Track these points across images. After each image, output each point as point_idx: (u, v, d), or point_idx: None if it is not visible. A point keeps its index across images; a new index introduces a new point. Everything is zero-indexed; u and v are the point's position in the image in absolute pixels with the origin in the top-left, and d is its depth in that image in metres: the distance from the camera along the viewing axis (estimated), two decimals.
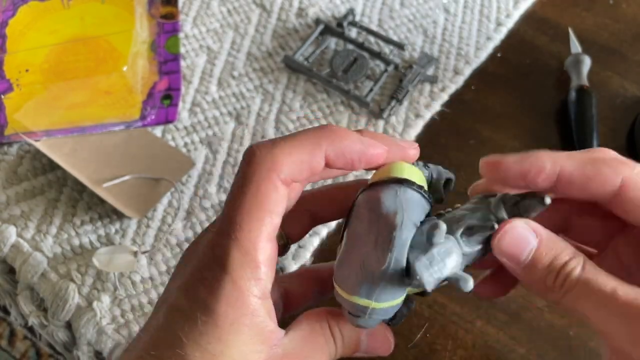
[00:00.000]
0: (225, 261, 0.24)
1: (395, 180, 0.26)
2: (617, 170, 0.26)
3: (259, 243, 0.24)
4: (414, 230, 0.25)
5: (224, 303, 0.24)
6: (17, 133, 0.50)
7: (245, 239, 0.24)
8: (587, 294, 0.24)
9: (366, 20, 0.59)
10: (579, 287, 0.25)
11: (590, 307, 0.24)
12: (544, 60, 0.57)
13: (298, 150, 0.25)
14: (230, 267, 0.24)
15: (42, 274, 0.44)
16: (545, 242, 0.26)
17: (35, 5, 0.58)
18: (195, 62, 0.55)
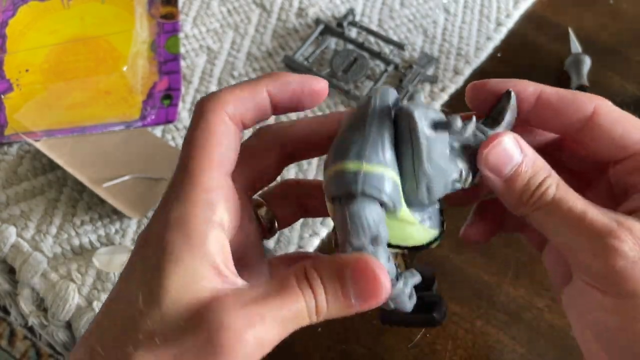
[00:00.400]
0: (176, 189, 0.24)
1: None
2: (591, 99, 0.28)
3: (207, 171, 0.24)
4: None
5: (173, 228, 0.23)
6: (17, 133, 0.50)
7: (194, 168, 0.24)
8: (558, 212, 0.25)
9: (366, 20, 0.59)
10: (552, 204, 0.26)
11: (559, 223, 0.26)
12: (544, 60, 0.57)
13: (241, 89, 0.26)
14: (181, 194, 0.24)
15: (42, 274, 0.44)
16: (528, 159, 0.27)
17: (35, 5, 0.58)
18: (195, 62, 0.55)
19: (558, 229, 0.26)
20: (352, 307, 0.26)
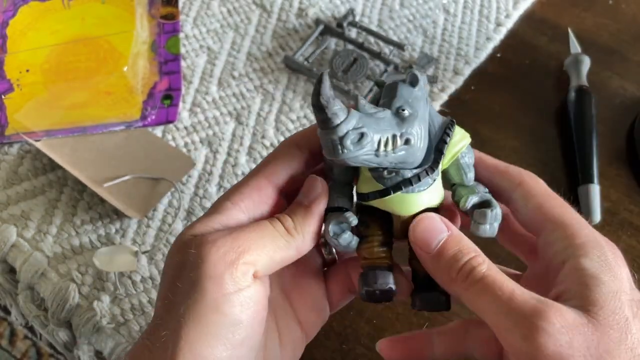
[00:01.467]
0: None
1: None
2: (520, 172, 0.31)
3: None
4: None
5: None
6: (17, 133, 0.50)
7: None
8: (488, 291, 0.26)
9: (366, 20, 0.59)
10: (482, 284, 0.27)
11: (490, 303, 0.26)
12: (543, 60, 0.57)
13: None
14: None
15: (43, 274, 0.44)
16: (454, 236, 0.28)
17: (35, 6, 0.58)
18: (195, 62, 0.56)
19: (489, 308, 0.27)
20: (304, 207, 0.29)
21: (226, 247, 0.26)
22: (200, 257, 0.26)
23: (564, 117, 0.53)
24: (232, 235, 0.27)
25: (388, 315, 0.43)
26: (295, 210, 0.29)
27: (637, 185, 0.50)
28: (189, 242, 0.28)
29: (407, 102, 0.28)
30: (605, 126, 0.52)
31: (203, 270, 0.26)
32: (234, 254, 0.26)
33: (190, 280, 0.26)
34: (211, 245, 0.26)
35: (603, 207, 0.48)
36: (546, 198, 0.30)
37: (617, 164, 0.51)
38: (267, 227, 0.28)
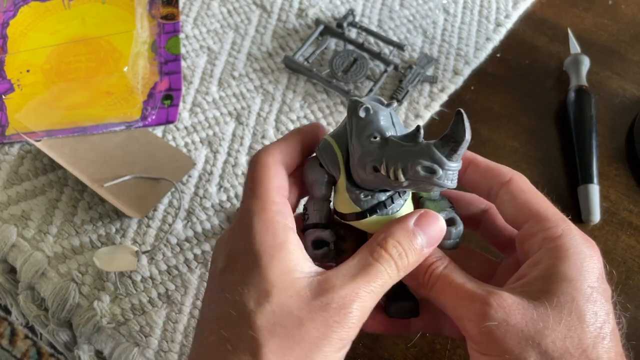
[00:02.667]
0: (251, 208, 0.30)
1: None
2: (510, 171, 0.33)
3: (272, 191, 0.31)
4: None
5: (261, 235, 0.29)
6: (18, 133, 0.50)
7: (261, 192, 0.31)
8: (445, 287, 0.30)
9: (366, 20, 0.59)
10: (440, 281, 0.31)
11: (447, 296, 0.30)
12: (543, 60, 0.57)
13: (282, 143, 0.33)
14: (256, 210, 0.30)
15: (43, 274, 0.45)
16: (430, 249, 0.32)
17: (36, 6, 0.58)
18: (195, 62, 0.56)
19: (448, 302, 0.30)
20: (423, 254, 0.31)
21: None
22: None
23: (564, 117, 0.53)
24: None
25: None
26: (411, 250, 0.31)
27: (636, 185, 0.50)
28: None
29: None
30: (604, 126, 0.52)
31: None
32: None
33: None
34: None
35: (602, 207, 0.48)
36: (532, 195, 0.32)
37: (616, 164, 0.51)
38: (383, 272, 0.30)
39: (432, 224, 0.31)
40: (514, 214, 0.32)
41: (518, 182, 0.32)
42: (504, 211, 0.33)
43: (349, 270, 0.29)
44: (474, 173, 0.34)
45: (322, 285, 0.28)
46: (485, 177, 0.33)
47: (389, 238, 0.30)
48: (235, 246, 0.30)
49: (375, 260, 0.29)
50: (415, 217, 0.30)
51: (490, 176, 0.33)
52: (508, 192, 0.32)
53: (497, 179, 0.33)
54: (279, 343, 0.27)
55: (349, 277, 0.29)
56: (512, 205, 0.32)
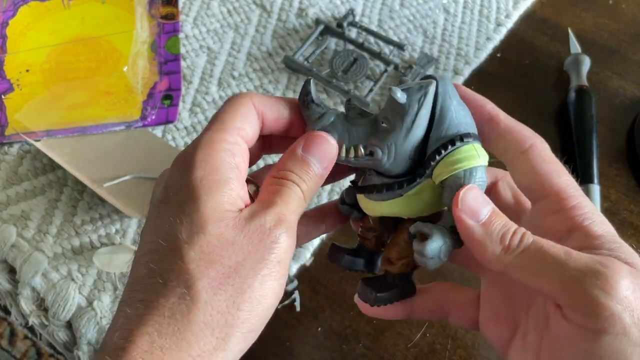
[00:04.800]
0: (202, 140, 0.30)
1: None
2: (532, 136, 0.31)
3: (229, 130, 0.30)
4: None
5: (201, 167, 0.29)
6: (17, 133, 0.50)
7: (219, 127, 0.30)
8: (541, 254, 0.27)
9: (366, 20, 0.59)
10: (535, 246, 0.27)
11: (547, 264, 0.26)
12: (543, 60, 0.57)
13: (269, 96, 0.32)
14: (206, 143, 0.30)
15: (43, 274, 0.44)
16: (499, 211, 0.29)
17: (35, 6, 0.58)
18: (195, 62, 0.56)
19: (546, 270, 0.27)
20: (318, 174, 0.30)
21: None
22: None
23: (564, 117, 0.53)
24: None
25: None
26: (306, 176, 0.30)
27: (637, 185, 0.50)
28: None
29: (392, 115, 0.29)
30: (605, 126, 0.52)
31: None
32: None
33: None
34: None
35: (603, 207, 0.48)
36: (553, 166, 0.30)
37: (617, 164, 0.51)
38: (293, 195, 0.30)
39: (318, 144, 0.30)
40: (532, 186, 0.30)
41: (540, 150, 0.30)
42: (520, 180, 0.31)
43: (266, 199, 0.29)
44: (492, 130, 0.31)
45: (250, 213, 0.28)
46: (505, 139, 0.31)
47: (282, 170, 0.30)
48: (175, 177, 0.29)
49: (282, 186, 0.30)
50: (302, 143, 0.30)
51: (511, 139, 0.31)
52: (527, 161, 0.30)
53: (517, 144, 0.30)
54: (215, 272, 0.26)
55: (269, 204, 0.29)
56: (530, 176, 0.30)
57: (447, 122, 0.29)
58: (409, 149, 0.29)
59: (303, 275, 0.45)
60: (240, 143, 0.30)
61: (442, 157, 0.29)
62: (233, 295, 0.27)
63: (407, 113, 0.29)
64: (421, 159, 0.30)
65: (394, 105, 0.29)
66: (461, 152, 0.29)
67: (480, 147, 0.29)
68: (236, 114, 0.31)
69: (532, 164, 0.30)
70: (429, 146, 0.29)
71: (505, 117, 0.32)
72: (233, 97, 0.31)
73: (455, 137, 0.29)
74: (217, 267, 0.27)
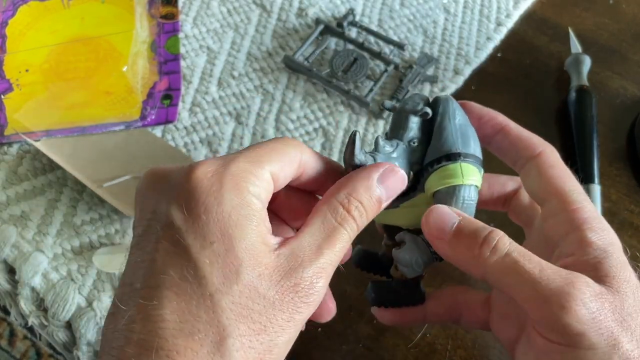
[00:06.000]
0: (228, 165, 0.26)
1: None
2: (542, 144, 0.32)
3: (266, 162, 0.27)
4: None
5: (225, 203, 0.25)
6: (17, 133, 0.50)
7: (251, 156, 0.27)
8: (517, 267, 0.27)
9: (366, 20, 0.59)
10: (509, 259, 0.27)
11: (518, 278, 0.27)
12: (544, 60, 0.57)
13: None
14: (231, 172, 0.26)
15: (43, 274, 0.44)
16: (467, 219, 0.29)
17: (35, 5, 0.58)
18: (195, 62, 0.55)
19: (517, 283, 0.27)
20: (382, 205, 0.29)
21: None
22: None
23: (565, 117, 0.53)
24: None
25: None
26: (371, 212, 0.29)
27: (637, 185, 0.50)
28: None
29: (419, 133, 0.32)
30: (605, 126, 0.52)
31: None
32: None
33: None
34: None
35: (603, 207, 0.48)
36: (560, 171, 0.31)
37: (617, 164, 0.51)
38: (346, 239, 0.28)
39: (393, 176, 0.29)
40: (538, 189, 0.31)
41: (548, 156, 0.31)
42: (529, 186, 0.32)
43: (313, 238, 0.26)
44: (504, 140, 0.32)
45: (289, 262, 0.25)
46: (516, 147, 0.32)
47: (352, 198, 0.27)
48: (197, 202, 0.25)
49: (339, 224, 0.27)
50: (380, 172, 0.29)
51: (522, 147, 0.32)
52: (535, 166, 0.31)
53: (527, 151, 0.32)
54: (247, 329, 0.24)
55: (315, 248, 0.26)
56: (537, 181, 0.31)
57: (442, 139, 0.31)
58: (408, 163, 0.32)
59: None
60: (269, 182, 0.27)
61: (430, 173, 0.31)
62: (261, 353, 0.24)
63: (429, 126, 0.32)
64: (418, 174, 0.32)
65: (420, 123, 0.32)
66: (447, 170, 0.31)
67: (468, 168, 0.30)
68: (278, 155, 0.27)
69: (539, 169, 0.31)
70: (424, 161, 0.31)
71: (515, 127, 0.33)
72: (286, 140, 0.29)
73: (444, 155, 0.31)
74: (248, 323, 0.24)
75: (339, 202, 0.27)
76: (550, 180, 0.31)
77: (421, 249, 0.31)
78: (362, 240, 0.33)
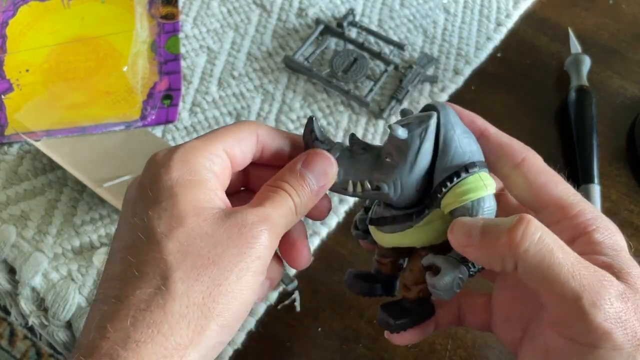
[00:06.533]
0: (181, 147, 0.30)
1: None
2: (523, 149, 0.31)
3: (218, 141, 0.30)
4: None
5: (173, 172, 0.28)
6: (17, 133, 0.50)
7: (206, 137, 0.30)
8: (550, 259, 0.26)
9: (366, 20, 0.59)
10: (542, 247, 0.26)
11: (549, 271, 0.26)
12: (543, 60, 0.57)
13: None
14: (188, 148, 0.29)
15: (43, 274, 0.44)
16: (491, 219, 0.28)
17: (35, 6, 0.58)
18: (195, 62, 0.55)
19: (546, 277, 0.26)
20: (313, 190, 0.30)
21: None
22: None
23: (565, 117, 0.53)
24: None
25: None
26: (301, 190, 0.30)
27: (637, 185, 0.50)
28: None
29: (394, 150, 0.29)
30: (605, 126, 0.52)
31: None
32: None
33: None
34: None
35: (603, 207, 0.48)
36: (548, 177, 0.30)
37: (617, 163, 0.51)
38: (284, 203, 0.30)
39: (318, 162, 0.30)
40: (530, 199, 0.30)
41: (533, 163, 0.30)
42: (518, 194, 0.31)
43: (254, 202, 0.29)
44: (484, 146, 0.31)
45: (234, 210, 0.28)
46: (496, 154, 0.31)
47: (278, 180, 0.30)
48: (150, 176, 0.29)
49: (274, 192, 0.30)
50: (303, 158, 0.31)
51: (502, 154, 0.31)
52: (522, 175, 0.30)
53: (509, 159, 0.31)
54: (192, 264, 0.26)
55: (255, 204, 0.29)
56: (527, 190, 0.30)
57: (451, 152, 0.29)
58: (415, 182, 0.30)
59: (303, 275, 0.45)
60: (224, 158, 0.30)
61: (449, 189, 0.29)
62: (210, 287, 0.26)
63: (409, 148, 0.29)
64: (428, 188, 0.30)
65: (396, 141, 0.29)
66: (467, 183, 0.29)
67: (486, 176, 0.29)
68: (230, 134, 0.31)
69: (526, 177, 0.30)
70: (435, 177, 0.29)
71: (495, 132, 0.32)
72: (240, 121, 0.31)
73: (460, 168, 0.29)
74: (194, 258, 0.26)
75: (269, 184, 0.31)
76: (541, 188, 0.30)
77: (458, 268, 0.29)
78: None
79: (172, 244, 0.27)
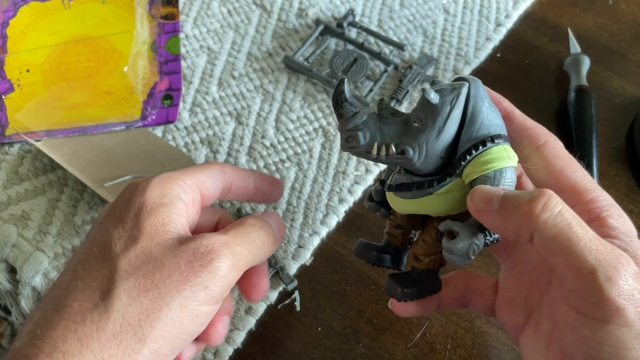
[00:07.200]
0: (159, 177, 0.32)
1: None
2: (546, 133, 0.31)
3: (187, 177, 0.33)
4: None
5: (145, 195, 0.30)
6: (18, 133, 0.50)
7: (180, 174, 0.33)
8: (570, 232, 0.26)
9: (366, 20, 0.59)
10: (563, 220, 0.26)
11: (568, 243, 0.26)
12: (543, 60, 0.57)
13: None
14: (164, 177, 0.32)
15: (43, 274, 0.45)
16: (512, 191, 0.28)
17: (36, 6, 0.58)
18: (195, 62, 0.56)
19: (564, 248, 0.26)
20: (277, 239, 0.35)
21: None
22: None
23: (564, 117, 0.53)
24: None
25: (388, 315, 0.43)
26: (266, 228, 0.34)
27: (636, 185, 0.50)
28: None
29: (424, 115, 0.29)
30: (605, 126, 0.52)
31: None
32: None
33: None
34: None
35: None
36: (568, 162, 0.31)
37: (617, 164, 0.51)
38: (249, 235, 0.32)
39: (274, 215, 0.35)
40: (548, 181, 0.31)
41: (554, 146, 0.31)
42: (537, 176, 0.31)
43: (218, 231, 0.31)
44: (508, 127, 0.31)
45: (191, 237, 0.29)
46: (520, 136, 0.31)
47: (243, 219, 0.33)
48: (124, 197, 0.31)
49: (239, 224, 0.31)
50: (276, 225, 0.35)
51: (525, 135, 0.31)
52: (542, 157, 0.31)
53: (531, 140, 0.31)
54: (135, 284, 0.27)
55: (219, 234, 0.30)
56: (546, 172, 0.31)
57: (478, 123, 0.30)
58: (440, 149, 0.30)
59: (303, 275, 0.45)
60: (195, 189, 0.32)
61: (473, 157, 0.29)
62: (148, 309, 0.26)
63: (439, 114, 0.29)
64: (451, 158, 0.30)
65: (427, 105, 0.29)
66: (492, 153, 0.29)
67: (510, 149, 0.30)
68: (201, 170, 0.33)
69: (546, 160, 0.30)
70: (460, 146, 0.30)
71: (520, 115, 0.32)
72: (208, 162, 0.35)
73: (486, 138, 0.29)
74: (138, 279, 0.27)
75: (239, 222, 0.33)
76: (560, 172, 0.30)
77: (475, 235, 0.29)
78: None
79: (122, 262, 0.27)
